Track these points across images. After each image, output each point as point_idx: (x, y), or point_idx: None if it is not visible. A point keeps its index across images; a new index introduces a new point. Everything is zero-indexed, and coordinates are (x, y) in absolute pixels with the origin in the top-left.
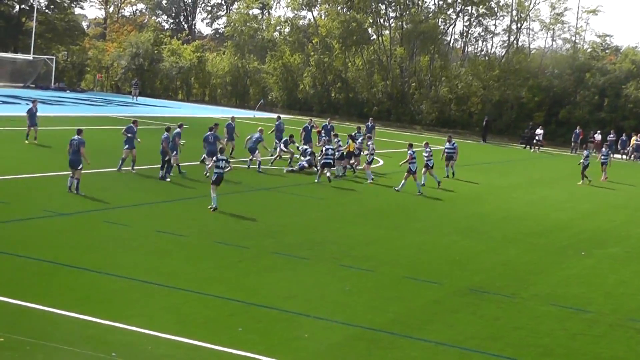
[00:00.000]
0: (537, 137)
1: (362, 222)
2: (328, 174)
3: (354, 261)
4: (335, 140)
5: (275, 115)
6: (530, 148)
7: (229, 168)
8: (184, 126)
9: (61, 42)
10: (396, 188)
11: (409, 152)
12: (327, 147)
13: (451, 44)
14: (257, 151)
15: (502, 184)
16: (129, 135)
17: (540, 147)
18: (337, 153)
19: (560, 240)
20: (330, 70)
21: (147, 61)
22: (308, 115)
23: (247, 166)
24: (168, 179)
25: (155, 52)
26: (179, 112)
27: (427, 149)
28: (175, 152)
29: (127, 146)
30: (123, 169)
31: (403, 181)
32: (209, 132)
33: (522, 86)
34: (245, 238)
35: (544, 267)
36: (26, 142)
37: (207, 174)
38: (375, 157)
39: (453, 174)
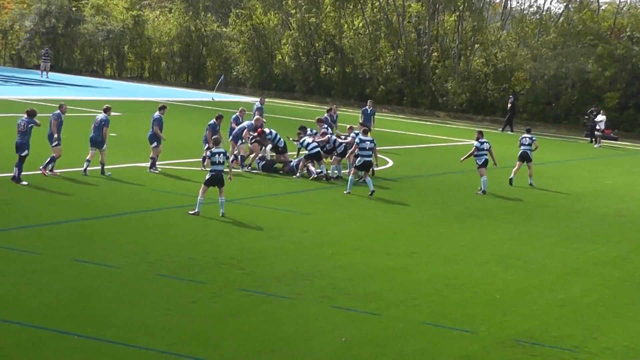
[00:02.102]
0: (597, 126)
1: (364, 246)
2: (321, 170)
3: (353, 301)
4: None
5: (244, 99)
6: (593, 141)
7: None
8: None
9: None
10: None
11: (353, 136)
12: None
13: None
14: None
15: (561, 192)
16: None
17: (602, 140)
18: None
19: None
20: (319, 35)
21: (62, 22)
22: (288, 97)
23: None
24: (24, 182)
25: (74, 9)
26: (108, 93)
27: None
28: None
29: (55, 143)
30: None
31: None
32: (157, 113)
33: (588, 56)
34: (201, 269)
35: (620, 310)
36: None
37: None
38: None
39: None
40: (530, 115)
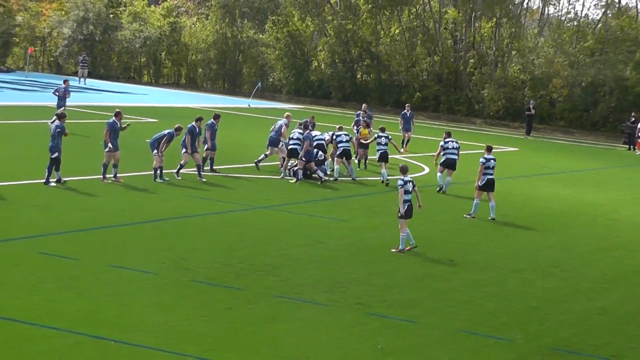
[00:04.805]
0: (638, 134)
1: (402, 253)
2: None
3: (389, 308)
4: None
5: (280, 105)
6: (633, 149)
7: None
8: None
9: None
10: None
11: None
12: (295, 130)
13: (525, 4)
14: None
15: (597, 200)
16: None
17: None
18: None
19: None
20: (356, 42)
21: (100, 29)
22: (324, 104)
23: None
24: (52, 184)
25: (111, 16)
26: (145, 100)
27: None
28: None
29: (107, 148)
30: (108, 176)
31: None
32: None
33: (626, 62)
34: (237, 276)
35: None
36: None
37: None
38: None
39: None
40: (568, 122)
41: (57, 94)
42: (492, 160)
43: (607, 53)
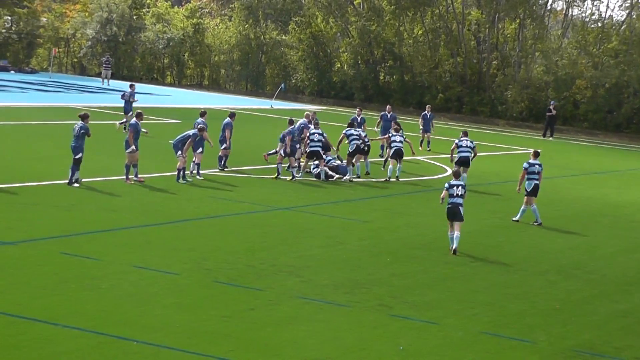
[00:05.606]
0: None
1: (423, 254)
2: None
3: (410, 310)
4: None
5: (303, 106)
6: None
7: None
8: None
9: (2, 4)
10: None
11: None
12: (315, 131)
13: (549, 5)
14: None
15: (620, 202)
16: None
17: None
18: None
19: None
20: (379, 43)
21: (123, 30)
22: (346, 105)
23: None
24: (76, 184)
25: (135, 17)
26: (168, 101)
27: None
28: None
29: (130, 149)
30: (130, 177)
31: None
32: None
33: None
34: (259, 277)
35: None
36: None
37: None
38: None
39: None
40: (591, 123)
41: (124, 98)
42: (536, 166)
43: (632, 54)
